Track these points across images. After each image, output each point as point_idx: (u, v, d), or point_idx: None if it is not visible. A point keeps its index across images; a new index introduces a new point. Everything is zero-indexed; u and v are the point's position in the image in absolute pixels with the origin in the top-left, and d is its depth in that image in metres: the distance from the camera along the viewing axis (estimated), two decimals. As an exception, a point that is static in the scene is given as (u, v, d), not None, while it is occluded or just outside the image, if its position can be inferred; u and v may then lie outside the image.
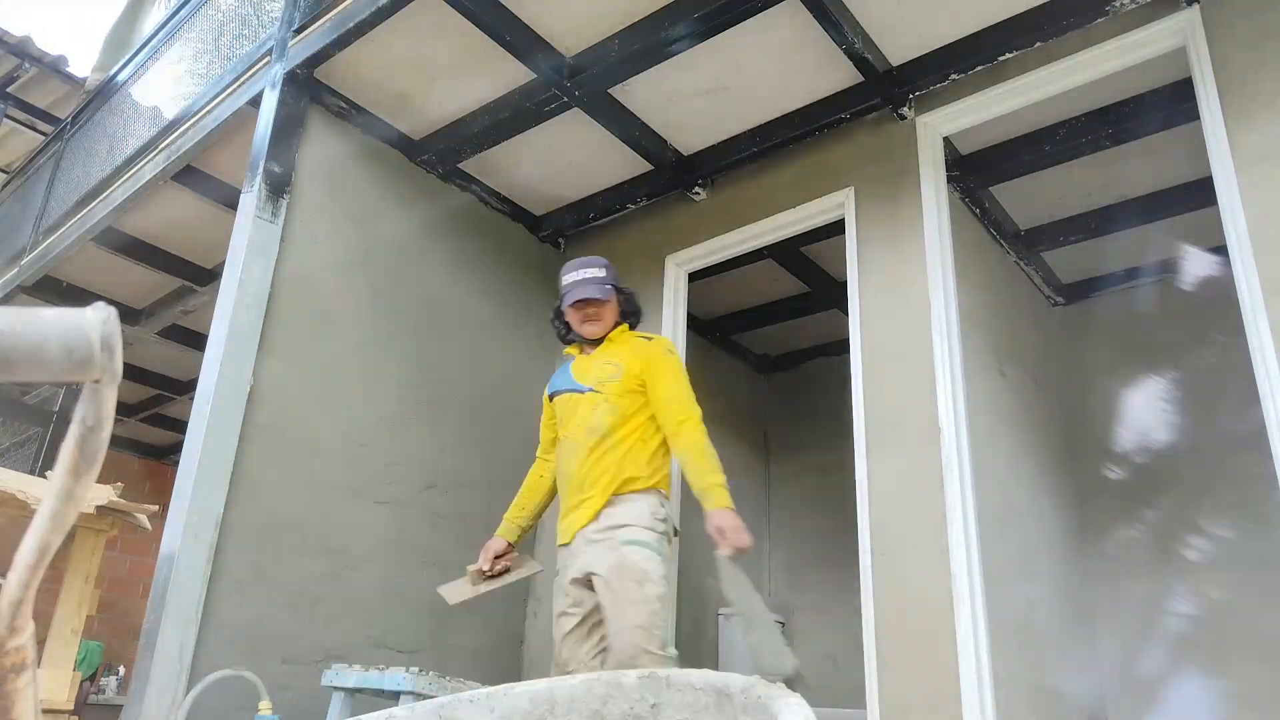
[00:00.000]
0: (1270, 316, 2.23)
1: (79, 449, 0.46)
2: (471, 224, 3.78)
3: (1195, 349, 3.88)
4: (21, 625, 0.49)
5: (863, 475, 2.83)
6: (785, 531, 5.04)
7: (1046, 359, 4.07)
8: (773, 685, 0.90)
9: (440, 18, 2.90)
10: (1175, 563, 3.72)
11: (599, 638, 2.42)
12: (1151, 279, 4.11)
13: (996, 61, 2.93)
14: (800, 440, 5.13)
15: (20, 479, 2.52)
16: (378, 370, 3.23)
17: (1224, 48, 2.52)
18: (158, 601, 2.48)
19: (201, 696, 2.32)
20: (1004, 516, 3.08)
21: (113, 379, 0.45)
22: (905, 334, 2.90)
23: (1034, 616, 3.21)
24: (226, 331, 2.77)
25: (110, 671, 6.28)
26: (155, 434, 7.06)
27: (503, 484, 3.60)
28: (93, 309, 0.45)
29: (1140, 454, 3.96)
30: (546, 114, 3.29)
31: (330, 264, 3.17)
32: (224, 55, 3.77)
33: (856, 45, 2.85)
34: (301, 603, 2.80)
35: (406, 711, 1.16)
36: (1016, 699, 2.81)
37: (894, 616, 2.62)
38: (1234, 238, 2.36)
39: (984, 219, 3.61)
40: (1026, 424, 3.57)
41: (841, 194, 3.23)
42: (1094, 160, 3.37)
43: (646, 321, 3.68)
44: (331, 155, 3.28)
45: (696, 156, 3.59)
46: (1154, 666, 3.62)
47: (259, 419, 2.80)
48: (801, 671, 0.44)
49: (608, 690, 1.06)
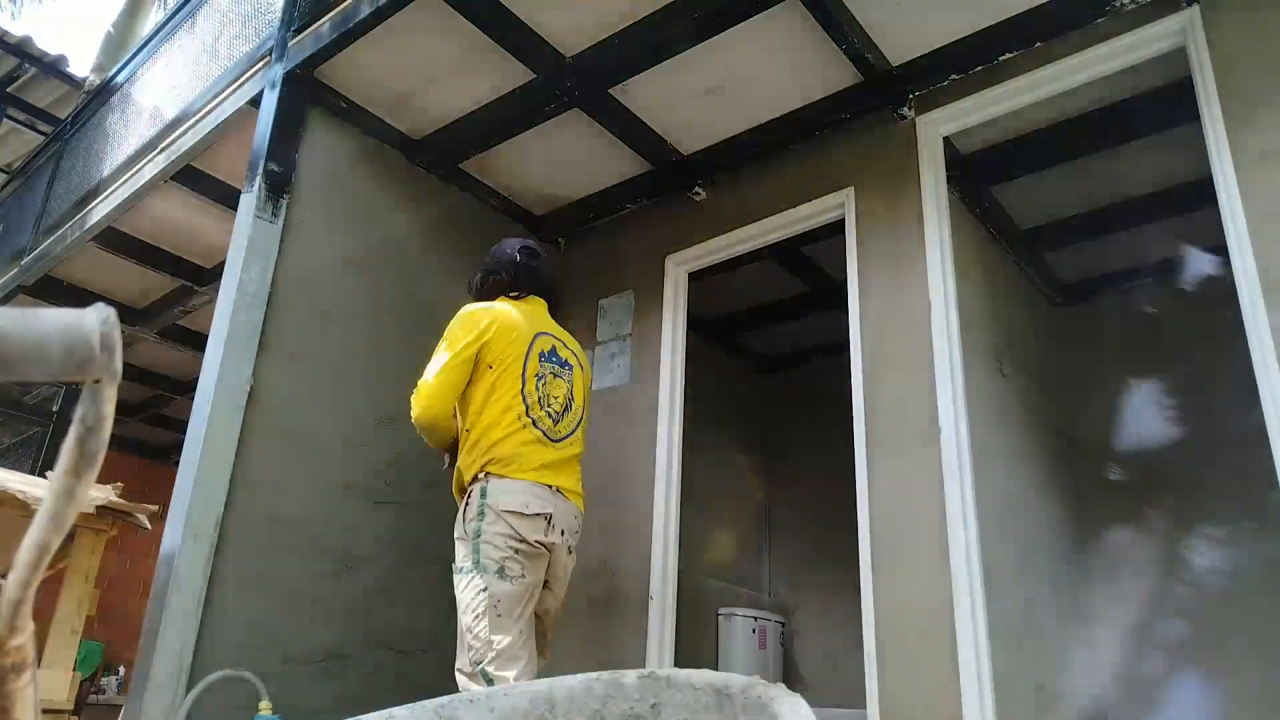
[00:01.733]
0: (1270, 316, 2.23)
1: (79, 449, 0.46)
2: (471, 224, 3.78)
3: (1195, 349, 3.88)
4: (21, 625, 0.49)
5: (863, 475, 2.83)
6: (785, 531, 5.04)
7: (1046, 359, 4.07)
8: (773, 685, 0.90)
9: (440, 18, 2.90)
10: (1175, 562, 3.71)
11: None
12: (1151, 279, 4.11)
13: (996, 61, 2.93)
14: (800, 440, 5.13)
15: (20, 479, 2.52)
16: (378, 370, 3.23)
17: (1224, 48, 2.52)
18: (158, 601, 2.48)
19: (201, 696, 2.32)
20: (1004, 516, 3.08)
21: (113, 379, 0.45)
22: (905, 334, 2.90)
23: (1034, 616, 3.21)
24: (226, 331, 2.77)
25: (110, 671, 6.29)
26: (155, 434, 7.06)
27: (503, 484, 3.61)
28: (93, 309, 0.45)
29: (1140, 454, 3.96)
30: (546, 114, 3.29)
31: (330, 264, 3.17)
32: (224, 55, 3.77)
33: (856, 45, 2.85)
34: (301, 603, 2.80)
35: (406, 711, 1.16)
36: (1016, 699, 2.81)
37: (894, 616, 2.62)
38: (1234, 238, 2.36)
39: (984, 219, 3.61)
40: (1026, 424, 3.57)
41: (841, 194, 3.23)
42: (1094, 160, 3.37)
43: (647, 321, 3.69)
44: (331, 155, 3.28)
45: (696, 156, 3.59)
46: (1154, 666, 3.62)
47: (259, 419, 2.80)
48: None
49: (608, 690, 1.06)
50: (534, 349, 2.47)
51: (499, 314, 2.47)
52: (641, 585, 3.23)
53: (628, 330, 3.72)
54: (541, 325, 2.57)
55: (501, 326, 2.44)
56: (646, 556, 3.26)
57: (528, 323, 2.51)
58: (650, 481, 3.36)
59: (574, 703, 1.07)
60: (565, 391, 2.52)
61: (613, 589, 3.33)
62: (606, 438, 3.60)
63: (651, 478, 3.36)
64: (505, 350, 2.42)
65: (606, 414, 3.64)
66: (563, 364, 2.56)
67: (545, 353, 2.51)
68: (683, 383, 3.51)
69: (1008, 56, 2.90)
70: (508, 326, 2.45)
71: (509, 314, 2.49)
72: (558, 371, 2.52)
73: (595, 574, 3.40)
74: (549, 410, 2.45)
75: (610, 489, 3.50)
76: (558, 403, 2.48)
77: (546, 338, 2.54)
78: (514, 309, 2.52)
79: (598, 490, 3.54)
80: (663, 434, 3.40)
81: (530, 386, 2.42)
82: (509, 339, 2.43)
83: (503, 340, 2.42)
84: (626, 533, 3.37)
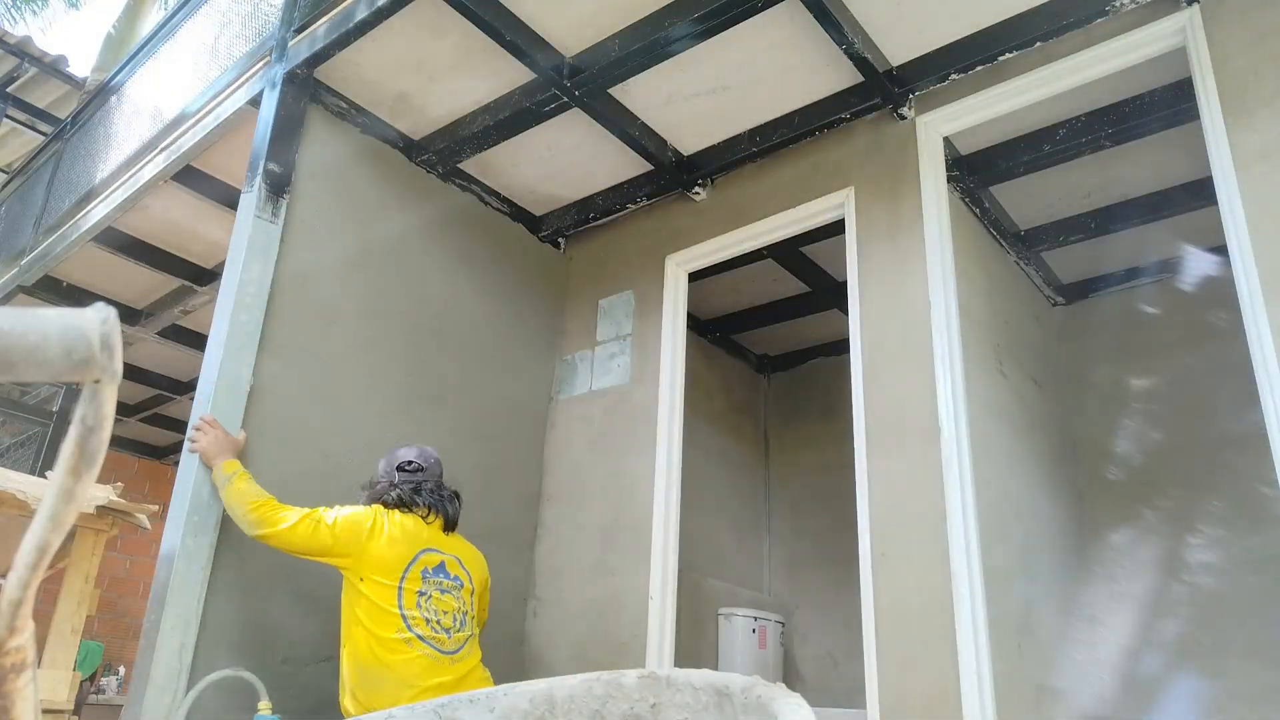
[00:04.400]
0: (1270, 316, 2.23)
1: (79, 449, 0.46)
2: (471, 224, 3.78)
3: (1195, 349, 3.89)
4: (21, 625, 0.49)
5: (863, 475, 2.83)
6: (785, 531, 5.04)
7: (1046, 359, 4.07)
8: (773, 685, 0.90)
9: (440, 18, 2.90)
10: (1174, 562, 3.72)
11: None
12: (1151, 279, 4.11)
13: (996, 61, 2.93)
14: (800, 440, 5.13)
15: (20, 479, 2.51)
16: (378, 370, 3.23)
17: (1224, 48, 2.52)
18: (158, 601, 2.48)
19: (201, 696, 2.32)
20: (1004, 516, 3.08)
21: (113, 379, 0.45)
22: (905, 334, 2.90)
23: (1034, 616, 3.21)
24: (226, 331, 2.77)
25: (110, 671, 6.29)
26: (155, 434, 7.06)
27: (503, 483, 3.61)
28: (93, 309, 0.45)
29: (1140, 454, 3.96)
30: (546, 114, 3.29)
31: (330, 264, 3.17)
32: (224, 55, 3.77)
33: (856, 45, 2.85)
34: (301, 603, 2.80)
35: (406, 711, 1.17)
36: (1016, 699, 2.81)
37: (894, 616, 2.62)
38: (1234, 238, 2.36)
39: (984, 219, 3.61)
40: (1026, 423, 3.57)
41: (841, 194, 3.24)
42: (1094, 160, 3.37)
43: (647, 321, 3.69)
44: (331, 155, 3.28)
45: (696, 156, 3.59)
46: (1154, 666, 3.62)
47: (259, 419, 2.80)
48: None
49: (607, 690, 1.06)
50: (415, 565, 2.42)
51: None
52: (641, 585, 3.23)
53: (628, 330, 3.72)
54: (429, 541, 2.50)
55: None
56: (646, 556, 3.26)
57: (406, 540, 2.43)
58: (650, 481, 3.36)
59: (574, 702, 1.07)
60: (455, 606, 2.46)
61: (613, 589, 3.33)
62: (606, 437, 3.61)
63: (651, 478, 3.36)
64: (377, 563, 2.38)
65: (606, 414, 3.65)
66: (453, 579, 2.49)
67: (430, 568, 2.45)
68: (683, 383, 3.51)
69: (1008, 56, 2.90)
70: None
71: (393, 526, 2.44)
72: (445, 586, 2.46)
73: (595, 574, 3.41)
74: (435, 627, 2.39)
75: (610, 489, 3.50)
76: (447, 618, 2.42)
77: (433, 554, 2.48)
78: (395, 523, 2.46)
79: (598, 490, 3.55)
80: (663, 434, 3.41)
81: (410, 602, 2.36)
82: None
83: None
84: (626, 533, 3.37)
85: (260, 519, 2.41)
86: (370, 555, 2.37)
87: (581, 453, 3.67)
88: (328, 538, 2.36)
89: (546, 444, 3.81)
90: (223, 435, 2.62)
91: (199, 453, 2.58)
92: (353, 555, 2.36)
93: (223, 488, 2.52)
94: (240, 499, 2.46)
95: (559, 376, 3.91)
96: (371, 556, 2.36)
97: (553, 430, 3.82)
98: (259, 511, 2.42)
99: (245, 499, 2.45)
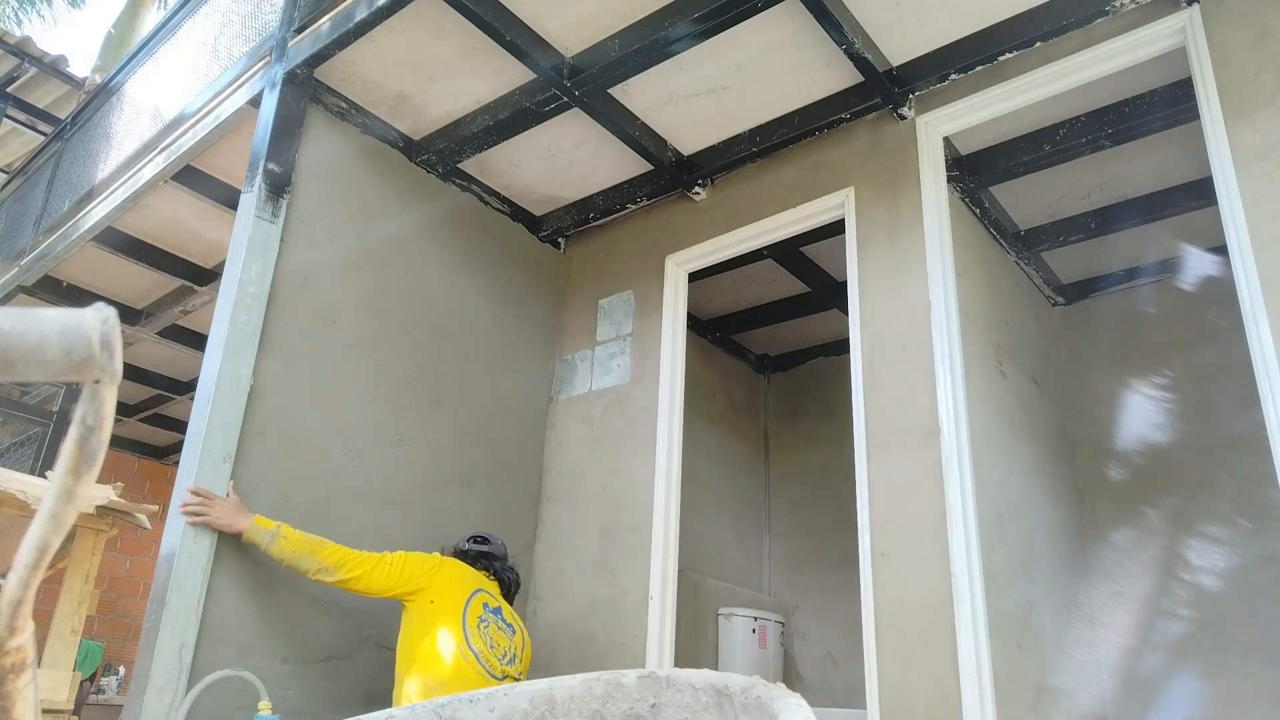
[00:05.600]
0: (1270, 316, 2.23)
1: (79, 449, 0.46)
2: (471, 224, 3.79)
3: (1195, 349, 3.89)
4: (21, 625, 0.48)
5: (863, 475, 2.83)
6: (785, 531, 5.04)
7: (1046, 359, 4.07)
8: (773, 685, 0.90)
9: (440, 18, 2.90)
10: (1175, 562, 3.72)
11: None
12: (1151, 279, 4.11)
13: (996, 61, 2.93)
14: (800, 440, 5.14)
15: (20, 479, 2.51)
16: (378, 370, 3.23)
17: (1224, 48, 2.52)
18: (158, 601, 2.48)
19: (201, 696, 2.32)
20: (1004, 516, 3.08)
21: (113, 379, 0.45)
22: (905, 334, 2.90)
23: (1034, 616, 3.21)
24: (226, 331, 2.77)
25: (110, 671, 6.29)
26: (155, 434, 7.06)
27: (503, 482, 3.61)
28: (93, 309, 0.45)
29: (1140, 453, 3.96)
30: (546, 114, 3.29)
31: (330, 264, 3.17)
32: (224, 55, 3.77)
33: (856, 45, 2.85)
34: (301, 603, 2.80)
35: (406, 711, 1.17)
36: (1016, 699, 2.81)
37: (894, 616, 2.62)
38: (1234, 237, 2.36)
39: (984, 219, 3.61)
40: (1026, 423, 3.57)
41: (841, 194, 3.24)
42: (1094, 160, 3.37)
43: (647, 321, 3.69)
44: (331, 155, 3.28)
45: (696, 156, 3.59)
46: (1154, 666, 3.63)
47: (259, 419, 2.80)
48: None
49: (607, 690, 1.06)
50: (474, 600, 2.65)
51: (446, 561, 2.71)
52: (641, 585, 3.23)
53: (628, 330, 3.73)
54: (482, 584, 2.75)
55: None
56: (646, 556, 3.26)
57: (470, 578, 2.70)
58: (650, 481, 3.36)
59: (574, 702, 1.07)
60: (507, 644, 2.65)
61: (612, 589, 3.33)
62: (606, 437, 3.61)
63: (651, 477, 3.36)
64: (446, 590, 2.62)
65: (606, 414, 3.65)
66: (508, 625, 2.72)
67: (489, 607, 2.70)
68: (683, 383, 3.51)
69: (1008, 56, 2.90)
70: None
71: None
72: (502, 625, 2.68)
73: (595, 574, 3.41)
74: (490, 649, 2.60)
75: (610, 489, 3.50)
76: (499, 649, 2.61)
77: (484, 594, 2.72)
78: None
79: (597, 490, 3.55)
80: (663, 434, 3.41)
81: (472, 623, 2.59)
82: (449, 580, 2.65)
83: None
84: (626, 533, 3.37)
85: (338, 563, 2.50)
86: (438, 581, 2.60)
87: (581, 453, 3.67)
88: (401, 571, 2.57)
89: (546, 444, 3.81)
90: (225, 499, 2.58)
91: (213, 525, 2.54)
92: (423, 584, 2.58)
93: (271, 544, 2.52)
94: (305, 549, 2.52)
95: (559, 376, 3.91)
96: (439, 582, 2.60)
97: (552, 430, 3.82)
98: (335, 557, 2.51)
99: (312, 548, 2.52)
